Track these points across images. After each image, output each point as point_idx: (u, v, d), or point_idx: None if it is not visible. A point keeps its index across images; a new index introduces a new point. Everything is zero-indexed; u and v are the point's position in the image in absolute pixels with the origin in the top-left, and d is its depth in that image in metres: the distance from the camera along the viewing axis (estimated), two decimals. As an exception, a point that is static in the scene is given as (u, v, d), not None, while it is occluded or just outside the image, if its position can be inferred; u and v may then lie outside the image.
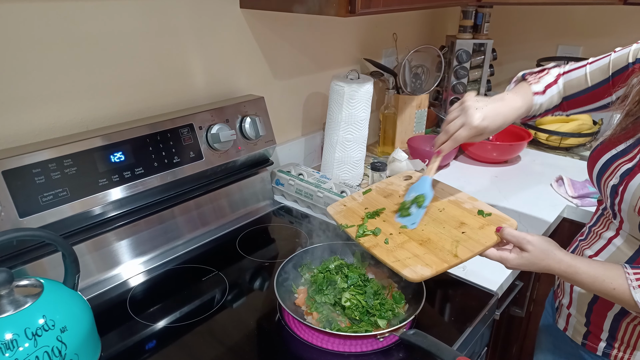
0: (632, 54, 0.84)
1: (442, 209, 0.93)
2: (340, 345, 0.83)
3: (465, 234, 0.85)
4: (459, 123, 0.86)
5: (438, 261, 0.80)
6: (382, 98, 1.75)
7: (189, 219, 1.16)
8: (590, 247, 0.91)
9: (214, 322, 0.90)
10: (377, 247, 0.86)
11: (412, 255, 0.83)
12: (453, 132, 0.87)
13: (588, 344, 0.92)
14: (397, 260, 0.82)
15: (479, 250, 0.81)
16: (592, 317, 0.90)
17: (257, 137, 1.22)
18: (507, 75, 2.11)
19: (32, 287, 0.71)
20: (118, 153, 0.98)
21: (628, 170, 0.79)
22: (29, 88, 0.92)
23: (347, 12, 1.02)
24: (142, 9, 1.05)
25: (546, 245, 0.78)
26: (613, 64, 0.87)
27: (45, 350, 0.66)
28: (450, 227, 0.88)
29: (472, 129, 0.85)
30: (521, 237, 0.79)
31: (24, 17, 0.88)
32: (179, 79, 1.17)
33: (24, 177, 0.85)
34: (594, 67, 0.90)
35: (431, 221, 0.90)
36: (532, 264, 0.78)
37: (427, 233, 0.87)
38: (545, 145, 1.78)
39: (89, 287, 0.97)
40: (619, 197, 0.81)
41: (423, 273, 0.79)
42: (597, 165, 0.86)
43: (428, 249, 0.83)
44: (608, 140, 0.85)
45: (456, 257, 0.80)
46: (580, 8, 1.87)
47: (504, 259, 0.80)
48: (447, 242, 0.84)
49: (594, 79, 0.90)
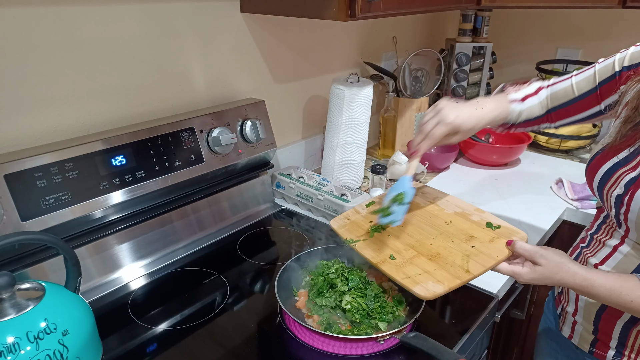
0: (618, 62, 0.85)
1: (449, 221, 0.92)
2: (341, 347, 0.83)
3: (476, 247, 0.83)
4: (434, 122, 0.88)
5: (450, 277, 0.79)
6: (382, 101, 1.76)
7: (189, 222, 1.16)
8: (595, 255, 0.89)
9: (214, 324, 0.91)
10: (385, 264, 0.84)
11: (422, 271, 0.81)
12: (429, 131, 0.88)
13: (596, 352, 0.91)
14: (407, 277, 0.80)
15: (491, 265, 0.79)
16: (600, 325, 0.89)
17: (257, 141, 1.23)
18: (506, 78, 2.11)
19: (34, 291, 0.71)
20: (119, 157, 0.98)
21: (633, 180, 0.78)
22: (30, 92, 0.93)
23: (347, 16, 1.03)
24: (143, 14, 1.05)
25: (559, 259, 0.77)
26: (599, 74, 0.88)
27: (47, 354, 0.66)
28: (459, 240, 0.86)
29: (447, 125, 0.87)
30: (534, 251, 0.77)
31: (25, 21, 0.89)
32: (180, 83, 1.18)
33: (26, 181, 0.86)
34: (579, 78, 0.92)
35: (439, 234, 0.89)
36: (545, 277, 0.77)
37: (436, 247, 0.86)
38: (545, 148, 1.79)
39: (90, 291, 0.98)
40: (624, 207, 0.79)
41: (435, 290, 0.77)
42: (597, 174, 0.85)
43: (438, 265, 0.81)
44: (608, 149, 0.84)
45: (468, 272, 0.79)
46: (579, 11, 1.88)
47: (517, 274, 0.78)
48: (458, 256, 0.82)
49: (580, 88, 0.91)
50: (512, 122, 0.98)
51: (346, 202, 1.22)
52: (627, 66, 0.83)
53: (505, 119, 0.96)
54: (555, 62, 1.91)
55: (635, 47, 0.83)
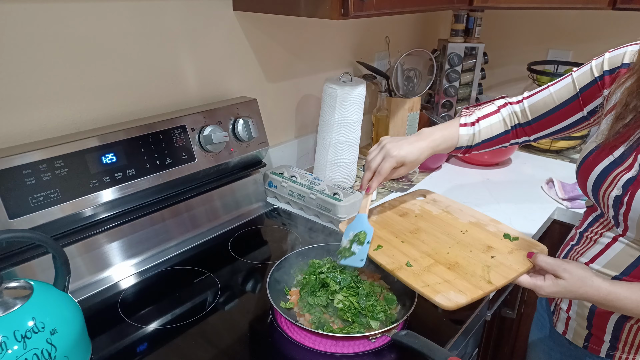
0: (595, 68, 0.87)
1: (464, 231, 0.92)
2: (333, 346, 0.83)
3: (495, 258, 0.83)
4: (379, 158, 0.94)
5: (472, 288, 0.77)
6: (375, 101, 1.76)
7: (180, 220, 1.15)
8: (584, 254, 0.90)
9: (206, 324, 0.90)
10: (402, 270, 0.82)
11: (442, 280, 0.79)
12: (376, 167, 0.94)
13: (590, 347, 0.92)
14: (426, 286, 0.78)
15: (513, 277, 0.78)
16: (594, 321, 0.89)
17: (249, 139, 1.22)
18: (498, 78, 2.13)
19: (22, 289, 0.71)
20: (110, 154, 0.98)
21: (631, 180, 0.78)
22: (19, 89, 0.92)
23: (340, 15, 1.03)
24: (134, 11, 1.05)
25: (583, 273, 0.76)
26: (577, 81, 0.90)
27: (34, 353, 0.65)
28: (477, 251, 0.85)
29: (392, 158, 0.92)
30: (557, 264, 0.77)
31: (14, 18, 0.88)
32: (172, 81, 1.17)
33: (14, 178, 0.85)
34: (557, 87, 0.94)
35: (455, 244, 0.88)
36: (568, 291, 0.76)
37: (454, 257, 0.84)
38: (536, 148, 1.80)
39: (79, 289, 0.97)
40: (624, 208, 0.80)
41: (458, 301, 0.74)
42: (591, 175, 0.85)
43: (458, 274, 0.80)
44: (601, 148, 0.84)
45: (490, 283, 0.77)
46: (570, 13, 1.90)
47: (539, 287, 0.78)
48: (478, 267, 0.81)
49: (560, 97, 0.93)
50: (466, 146, 1.01)
51: (338, 201, 1.22)
52: (607, 70, 0.85)
53: (456, 144, 1.00)
54: (546, 63, 1.92)
55: (610, 53, 0.86)
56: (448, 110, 1.91)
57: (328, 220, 1.26)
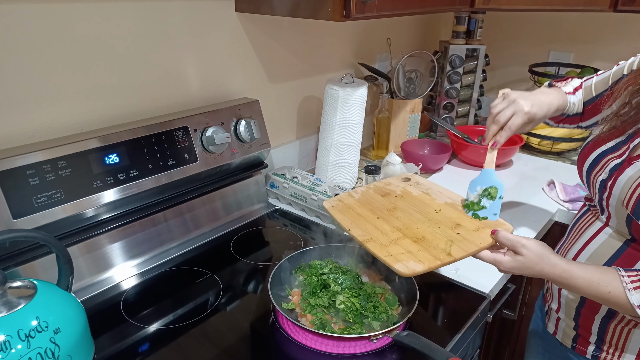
0: (628, 66, 0.89)
1: (438, 210, 0.94)
2: (334, 347, 0.83)
3: (460, 234, 0.85)
4: (509, 112, 0.88)
5: (431, 258, 0.80)
6: (376, 102, 1.77)
7: (183, 221, 1.16)
8: (571, 250, 0.92)
9: (208, 324, 0.90)
10: (371, 242, 0.85)
11: (405, 251, 0.82)
12: (505, 122, 0.88)
13: (578, 347, 0.93)
14: (389, 255, 0.81)
15: (472, 250, 0.81)
16: (580, 321, 0.91)
17: (251, 140, 1.23)
18: (499, 80, 2.13)
19: (26, 289, 0.71)
20: (113, 155, 0.98)
21: (617, 165, 0.81)
22: (23, 89, 0.92)
23: (342, 16, 1.03)
24: (137, 12, 1.05)
25: (541, 250, 0.78)
26: (613, 75, 0.92)
27: (38, 352, 0.65)
28: (445, 227, 0.88)
29: (524, 114, 0.87)
30: (516, 240, 0.78)
31: (18, 18, 0.88)
32: (174, 82, 1.18)
33: (18, 179, 0.85)
34: (599, 78, 0.96)
35: (427, 221, 0.90)
36: (526, 267, 0.78)
37: (422, 232, 0.87)
38: (537, 150, 1.80)
39: (82, 289, 0.97)
40: (607, 192, 0.82)
41: (415, 268, 0.78)
42: (587, 161, 0.88)
43: (422, 247, 0.83)
44: (598, 138, 0.87)
45: (449, 255, 0.80)
46: (571, 15, 1.90)
47: (498, 262, 0.80)
48: (442, 241, 0.84)
49: (597, 89, 0.95)
50: (566, 114, 1.00)
51: (340, 202, 1.22)
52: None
53: (564, 109, 0.98)
54: (547, 65, 1.92)
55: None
56: (449, 111, 1.91)
57: (329, 221, 1.26)
